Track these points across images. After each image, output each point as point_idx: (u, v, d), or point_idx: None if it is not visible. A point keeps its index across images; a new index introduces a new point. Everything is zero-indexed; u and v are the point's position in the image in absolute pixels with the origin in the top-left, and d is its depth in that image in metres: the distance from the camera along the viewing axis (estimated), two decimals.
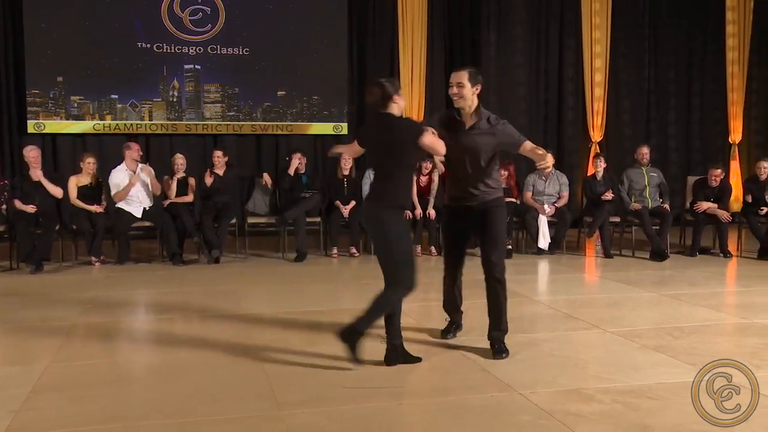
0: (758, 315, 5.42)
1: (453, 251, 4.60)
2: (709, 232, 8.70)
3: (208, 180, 8.29)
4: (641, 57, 11.74)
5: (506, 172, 8.65)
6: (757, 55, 12.06)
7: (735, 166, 11.76)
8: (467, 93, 4.15)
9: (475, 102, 4.21)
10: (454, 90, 4.15)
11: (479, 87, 4.19)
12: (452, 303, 4.70)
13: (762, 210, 8.22)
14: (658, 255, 8.11)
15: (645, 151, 8.76)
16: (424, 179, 8.76)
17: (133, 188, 7.85)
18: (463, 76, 4.15)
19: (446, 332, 4.74)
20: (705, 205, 8.38)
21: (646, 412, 3.34)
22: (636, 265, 7.83)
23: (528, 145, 4.23)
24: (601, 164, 8.86)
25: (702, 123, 12.16)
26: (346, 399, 3.55)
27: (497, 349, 4.27)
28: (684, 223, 9.06)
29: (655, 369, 4.01)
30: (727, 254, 8.33)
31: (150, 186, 8.03)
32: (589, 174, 9.87)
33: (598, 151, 10.89)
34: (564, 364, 4.16)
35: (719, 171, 8.61)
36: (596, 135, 11.33)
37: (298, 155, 8.61)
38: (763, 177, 8.43)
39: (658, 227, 8.31)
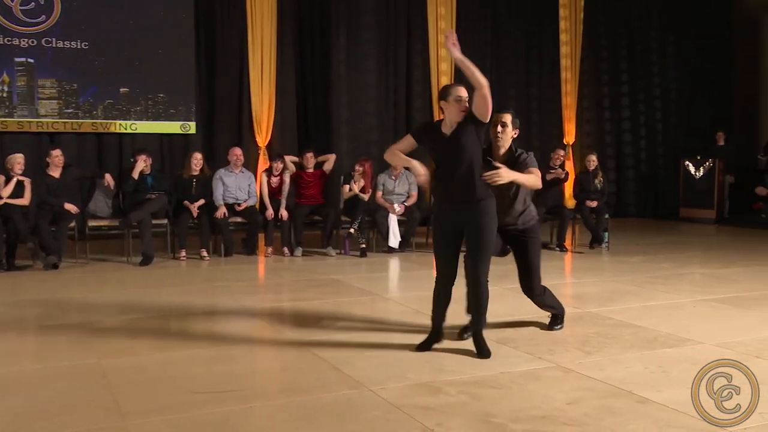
0: (589, 305, 5.80)
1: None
2: (547, 228, 9.21)
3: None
4: (484, 61, 12.20)
5: (361, 168, 8.76)
6: (587, 62, 12.91)
7: (569, 166, 12.52)
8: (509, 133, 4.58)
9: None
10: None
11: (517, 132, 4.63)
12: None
13: (592, 203, 8.92)
14: (501, 251, 8.47)
15: None
16: (275, 180, 8.70)
17: None
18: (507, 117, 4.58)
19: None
20: (558, 172, 9.04)
21: (489, 401, 3.47)
22: None
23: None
24: None
25: (540, 125, 12.86)
26: (195, 405, 3.45)
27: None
28: None
29: (498, 360, 4.18)
30: (563, 248, 8.88)
31: None
32: None
33: None
34: (413, 358, 4.25)
35: (563, 152, 9.43)
36: None
37: (143, 156, 8.26)
38: (592, 168, 9.15)
39: None
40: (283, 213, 8.44)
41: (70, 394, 3.62)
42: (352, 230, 8.47)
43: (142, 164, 8.17)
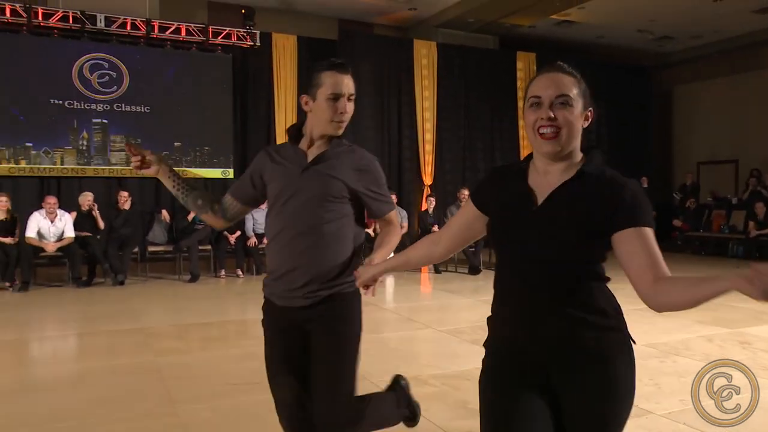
0: None
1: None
2: None
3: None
4: (459, 121, 12.27)
5: None
6: None
7: None
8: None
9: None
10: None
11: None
12: None
13: None
14: (474, 270, 8.45)
15: (466, 192, 9.13)
16: None
17: (49, 229, 7.25)
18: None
19: None
20: None
21: (466, 392, 3.42)
22: (457, 278, 8.10)
23: None
24: (432, 201, 9.17)
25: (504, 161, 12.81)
26: (231, 394, 3.39)
27: None
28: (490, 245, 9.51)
29: (473, 357, 4.11)
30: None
31: (64, 232, 7.35)
32: (422, 209, 10.15)
33: (429, 192, 11.24)
34: (405, 356, 4.20)
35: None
36: (427, 179, 11.70)
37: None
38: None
39: (473, 249, 8.66)
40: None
41: (131, 386, 3.56)
42: None
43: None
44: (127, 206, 7.95)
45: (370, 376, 3.67)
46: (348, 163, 1.98)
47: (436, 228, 8.71)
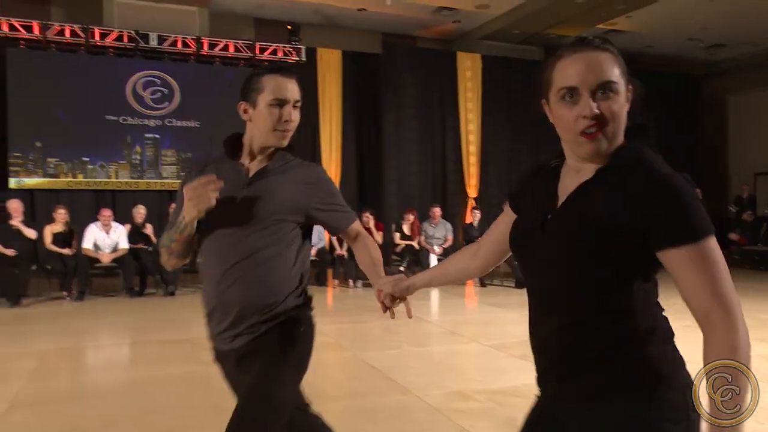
0: None
1: None
2: None
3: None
4: (503, 134, 12.17)
5: (412, 217, 8.80)
6: None
7: None
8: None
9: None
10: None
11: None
12: None
13: None
14: (521, 284, 8.32)
15: None
16: None
17: (104, 240, 7.52)
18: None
19: None
20: None
21: (512, 408, 3.36)
22: (503, 292, 8.00)
23: None
24: (477, 214, 9.11)
25: None
26: None
27: None
28: None
29: (520, 373, 4.05)
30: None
31: (119, 244, 7.61)
32: (467, 222, 10.08)
33: (474, 204, 11.17)
34: (450, 370, 4.16)
35: None
36: (472, 192, 11.62)
37: None
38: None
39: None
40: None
41: (180, 395, 3.64)
42: (402, 268, 8.48)
43: None
44: None
45: (415, 390, 3.65)
46: (295, 177, 1.74)
47: None
